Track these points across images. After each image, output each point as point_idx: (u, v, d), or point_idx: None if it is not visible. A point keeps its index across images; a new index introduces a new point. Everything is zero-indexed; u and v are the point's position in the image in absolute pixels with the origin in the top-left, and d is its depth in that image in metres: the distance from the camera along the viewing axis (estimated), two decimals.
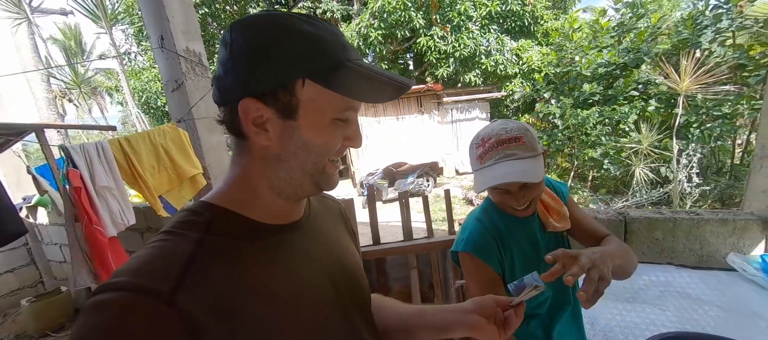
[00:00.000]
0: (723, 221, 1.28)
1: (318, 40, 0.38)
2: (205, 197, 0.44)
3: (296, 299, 0.42)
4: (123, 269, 0.34)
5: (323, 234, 0.53)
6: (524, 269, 0.80)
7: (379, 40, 8.02)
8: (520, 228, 0.83)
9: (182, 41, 2.15)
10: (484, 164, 0.75)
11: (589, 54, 5.46)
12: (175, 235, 0.38)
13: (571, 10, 10.76)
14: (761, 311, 1.05)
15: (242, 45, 0.38)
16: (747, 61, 3.85)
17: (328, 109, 0.40)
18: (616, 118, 4.84)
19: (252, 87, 0.38)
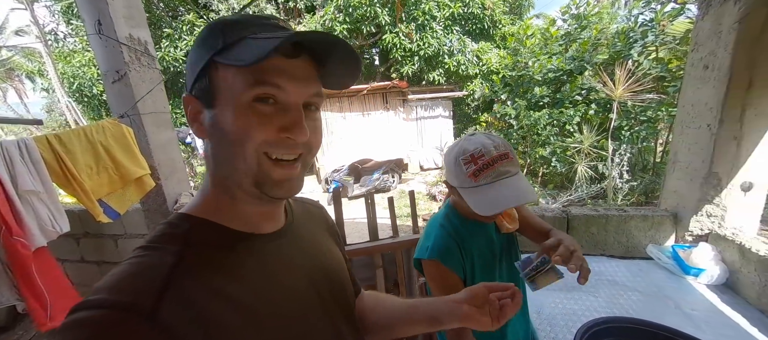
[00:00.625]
0: (644, 217, 1.48)
1: (230, 23, 0.38)
2: (183, 208, 0.43)
3: (279, 308, 0.42)
4: (100, 286, 0.33)
5: (305, 241, 0.52)
6: (483, 271, 0.87)
7: (344, 35, 7.90)
8: (479, 232, 0.88)
9: (124, 27, 1.94)
10: (480, 183, 0.75)
11: (541, 60, 5.90)
12: (153, 249, 0.37)
13: (526, 15, 11.50)
14: (671, 294, 1.24)
15: (193, 49, 0.40)
16: (667, 72, 4.43)
17: (237, 87, 0.37)
18: (563, 120, 5.30)
19: (187, 84, 0.41)
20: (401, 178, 7.89)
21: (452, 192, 0.86)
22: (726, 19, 1.20)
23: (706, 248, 1.30)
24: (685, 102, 1.43)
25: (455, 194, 0.84)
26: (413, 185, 7.72)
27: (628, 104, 4.72)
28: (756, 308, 1.14)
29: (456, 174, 0.79)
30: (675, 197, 1.49)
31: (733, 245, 1.23)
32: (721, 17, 1.23)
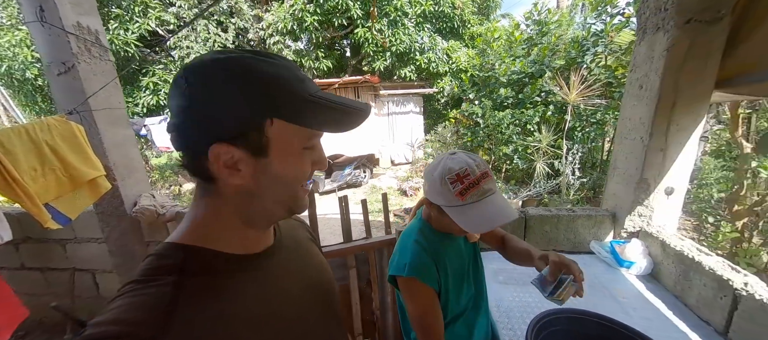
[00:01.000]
0: (588, 216, 1.67)
1: (279, 78, 0.40)
2: (170, 237, 0.43)
3: (279, 322, 0.46)
4: (102, 320, 0.33)
5: (294, 253, 0.56)
6: (455, 281, 0.92)
7: (315, 26, 7.70)
8: (451, 244, 0.93)
9: (71, 15, 1.77)
10: (467, 202, 0.77)
11: (506, 62, 6.21)
12: (149, 283, 0.37)
13: (493, 16, 11.95)
14: (607, 284, 1.43)
15: (203, 91, 0.38)
16: (613, 79, 4.89)
17: (296, 142, 0.43)
18: (524, 120, 5.65)
19: (220, 132, 0.38)
20: (373, 173, 7.95)
21: (432, 209, 0.87)
22: (657, 47, 1.39)
23: (636, 244, 1.51)
24: (624, 116, 1.62)
25: (436, 211, 0.85)
26: (384, 180, 7.82)
27: (581, 107, 5.15)
28: (673, 294, 1.35)
29: (442, 193, 0.79)
30: (614, 198, 1.70)
31: (657, 241, 1.45)
32: (653, 44, 1.41)
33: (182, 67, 0.39)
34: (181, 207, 2.14)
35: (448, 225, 0.84)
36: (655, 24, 1.39)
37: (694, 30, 1.28)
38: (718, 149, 5.29)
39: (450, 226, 0.83)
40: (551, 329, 1.00)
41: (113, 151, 1.97)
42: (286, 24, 7.55)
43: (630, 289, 1.40)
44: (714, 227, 3.64)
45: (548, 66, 5.65)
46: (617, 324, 0.96)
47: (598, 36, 5.08)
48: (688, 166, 1.47)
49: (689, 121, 1.40)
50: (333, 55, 9.19)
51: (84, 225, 2.21)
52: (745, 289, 1.07)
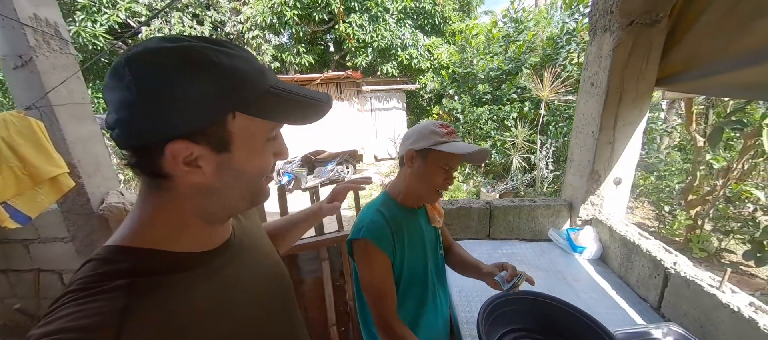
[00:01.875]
0: (547, 206, 1.78)
1: (238, 71, 0.38)
2: (112, 241, 0.40)
3: (238, 316, 0.46)
4: (46, 330, 0.30)
5: (250, 245, 0.55)
6: (412, 254, 0.98)
7: (295, 21, 7.59)
8: (412, 219, 1.00)
9: (28, 6, 1.71)
10: (451, 140, 0.91)
11: (484, 59, 6.35)
12: (95, 290, 0.34)
13: (474, 12, 12.11)
14: (562, 268, 1.54)
15: (155, 84, 0.34)
16: None
17: (259, 136, 0.42)
18: (501, 115, 5.81)
19: (178, 128, 0.36)
20: (356, 169, 7.96)
21: (412, 163, 0.95)
22: (605, 47, 1.49)
23: (589, 231, 1.62)
24: (578, 112, 1.73)
25: (418, 160, 0.93)
26: (368, 175, 7.85)
27: (554, 103, 5.35)
28: (618, 275, 1.47)
29: (429, 137, 0.90)
30: (571, 189, 1.81)
31: (606, 227, 1.56)
32: (602, 44, 1.51)
33: (123, 55, 0.35)
34: None
35: (419, 186, 0.96)
36: (603, 25, 1.49)
37: (636, 31, 1.39)
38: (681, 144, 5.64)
39: (419, 188, 0.96)
40: (504, 309, 1.08)
41: (77, 148, 1.91)
42: (265, 18, 7.41)
43: (582, 272, 1.51)
44: (671, 216, 3.89)
45: (524, 63, 5.82)
46: (561, 303, 1.05)
47: (570, 34, 5.27)
48: (634, 158, 1.59)
49: (634, 116, 1.51)
50: (315, 50, 9.09)
51: (48, 224, 2.14)
52: (673, 268, 1.18)
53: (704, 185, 3.54)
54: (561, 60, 5.26)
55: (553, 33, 5.72)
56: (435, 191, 0.96)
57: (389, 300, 0.90)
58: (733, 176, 3.20)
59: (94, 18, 6.37)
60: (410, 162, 0.95)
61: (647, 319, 1.20)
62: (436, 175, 0.92)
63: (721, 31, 1.20)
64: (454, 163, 0.92)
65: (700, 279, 1.09)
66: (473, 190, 5.78)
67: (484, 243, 1.80)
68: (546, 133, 5.44)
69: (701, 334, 1.04)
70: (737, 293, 1.01)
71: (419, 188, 0.97)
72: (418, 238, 1.01)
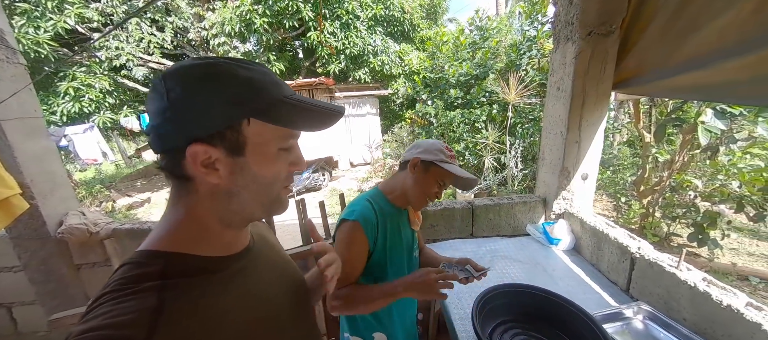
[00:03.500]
0: (524, 203, 1.90)
1: (255, 81, 0.42)
2: (144, 245, 0.43)
3: (259, 320, 0.48)
4: (87, 327, 0.33)
5: (268, 252, 0.59)
6: (390, 248, 1.06)
7: (264, 28, 7.42)
8: (395, 217, 1.08)
9: None
10: (453, 163, 1.04)
11: (454, 64, 6.61)
12: (129, 290, 0.37)
13: (440, 20, 12.57)
14: (541, 260, 1.64)
15: (182, 93, 0.40)
16: (545, 80, 5.49)
17: (272, 142, 0.45)
18: (472, 118, 6.06)
19: (198, 132, 0.40)
20: (332, 176, 7.89)
21: (415, 170, 1.04)
22: (568, 55, 1.63)
23: (562, 224, 1.75)
24: (547, 114, 1.87)
25: (421, 170, 1.03)
26: (344, 182, 7.80)
27: (521, 105, 5.68)
28: (590, 263, 1.60)
29: (436, 153, 1.03)
30: (543, 186, 1.94)
31: (577, 220, 1.70)
32: (565, 52, 1.66)
33: (163, 71, 0.42)
34: (118, 223, 1.96)
35: (413, 192, 1.05)
36: (566, 35, 1.64)
37: (594, 41, 1.54)
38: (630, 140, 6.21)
39: (412, 193, 1.05)
40: (494, 303, 1.14)
41: (30, 166, 1.74)
42: (232, 25, 7.17)
43: (558, 263, 1.63)
44: (627, 206, 4.27)
45: (491, 68, 6.13)
46: (544, 292, 1.13)
47: (531, 41, 5.65)
48: (597, 154, 1.75)
49: (596, 117, 1.67)
50: (285, 57, 8.94)
51: None
52: (638, 252, 1.32)
53: (652, 176, 3.93)
54: (524, 65, 5.61)
55: (516, 40, 6.10)
56: (425, 200, 1.06)
57: (350, 274, 0.97)
58: (675, 168, 3.59)
59: (37, 24, 5.80)
60: (413, 168, 1.05)
61: (619, 300, 1.32)
62: (432, 186, 1.04)
63: (663, 43, 1.37)
64: (448, 182, 1.05)
65: (661, 261, 1.22)
66: (449, 191, 5.95)
67: (468, 242, 1.88)
68: (514, 134, 5.75)
69: (665, 309, 1.17)
70: (692, 270, 1.15)
71: (414, 192, 1.06)
72: (398, 235, 1.09)
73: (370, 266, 1.02)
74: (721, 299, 0.98)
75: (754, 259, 3.53)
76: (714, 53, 1.16)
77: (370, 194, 1.08)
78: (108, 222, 1.96)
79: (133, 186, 8.25)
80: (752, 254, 3.67)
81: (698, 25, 1.20)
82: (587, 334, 1.00)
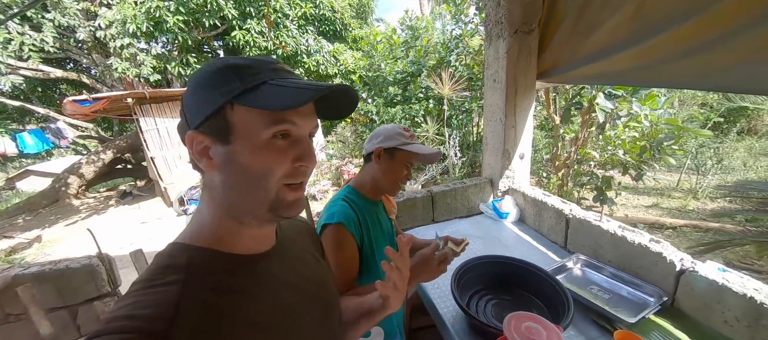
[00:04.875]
0: (475, 185, 2.10)
1: (243, 68, 0.41)
2: (179, 238, 0.45)
3: (278, 325, 0.46)
4: (116, 316, 0.35)
5: (295, 257, 0.57)
6: (376, 241, 1.07)
7: (179, 27, 6.60)
8: (373, 209, 1.11)
9: None
10: (414, 143, 1.06)
11: (390, 63, 6.83)
12: (155, 281, 0.39)
13: (370, 19, 12.78)
14: (495, 233, 1.84)
15: (188, 87, 0.43)
16: (473, 75, 6.06)
17: (259, 128, 0.41)
18: (412, 114, 6.36)
19: (193, 121, 0.42)
20: None
21: (381, 159, 1.06)
22: (500, 50, 1.85)
23: (508, 199, 1.99)
24: (487, 103, 2.10)
25: (386, 158, 1.05)
26: None
27: (454, 99, 6.17)
28: (534, 229, 1.86)
29: (396, 137, 1.04)
30: (489, 168, 2.18)
31: (520, 194, 1.95)
32: (498, 48, 1.88)
33: None
34: (19, 268, 1.58)
35: (384, 180, 1.07)
36: (497, 33, 1.86)
37: (520, 38, 1.78)
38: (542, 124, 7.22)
39: (384, 182, 1.07)
40: (467, 276, 1.26)
41: None
42: (138, 24, 6.20)
43: (509, 233, 1.85)
44: (547, 179, 5.00)
45: (424, 65, 6.51)
46: (506, 258, 1.29)
47: (458, 40, 6.16)
48: (529, 136, 2.04)
49: (526, 103, 1.94)
50: (202, 57, 8.09)
51: None
52: (571, 214, 1.58)
53: (563, 152, 4.68)
54: (453, 62, 6.09)
55: (443, 38, 6.58)
56: (397, 185, 1.10)
57: (349, 277, 0.98)
58: (578, 143, 4.34)
59: None
60: (377, 158, 1.07)
61: (560, 255, 1.57)
62: (400, 170, 1.07)
63: (571, 40, 1.66)
64: (414, 161, 1.08)
65: (588, 217, 1.49)
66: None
67: (430, 227, 2.01)
68: (451, 126, 6.22)
69: (595, 255, 1.44)
70: (610, 221, 1.44)
71: (384, 181, 1.09)
72: (379, 227, 1.12)
73: (365, 262, 1.03)
74: (633, 240, 1.26)
75: (638, 210, 4.49)
76: (608, 48, 1.46)
77: (344, 193, 1.08)
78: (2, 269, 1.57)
79: (13, 224, 6.59)
80: (636, 206, 4.67)
81: (595, 26, 1.49)
82: (546, 287, 1.18)
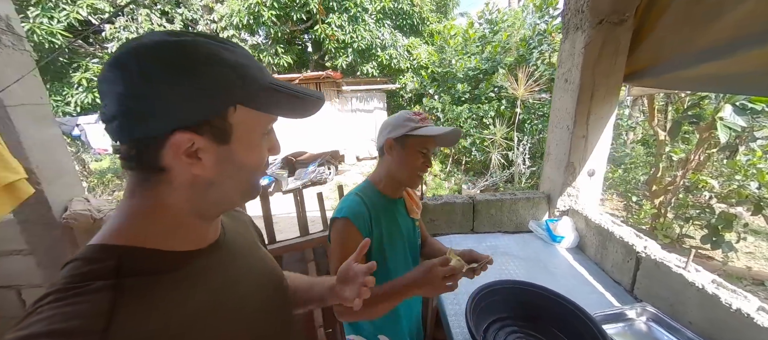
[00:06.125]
0: (528, 199, 1.84)
1: (240, 66, 0.40)
2: (96, 239, 0.39)
3: (228, 317, 0.45)
4: (25, 334, 0.29)
5: (240, 248, 0.55)
6: (390, 240, 1.00)
7: (272, 21, 7.42)
8: (390, 207, 1.03)
9: None
10: (424, 125, 0.96)
11: (462, 59, 6.50)
12: (79, 289, 0.33)
13: (451, 13, 12.36)
14: (543, 258, 1.59)
15: (164, 76, 0.35)
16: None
17: (257, 128, 0.44)
18: (480, 114, 5.97)
19: (183, 119, 0.36)
20: (337, 169, 7.90)
21: (392, 151, 0.99)
22: (578, 44, 1.56)
23: (566, 221, 1.69)
24: (554, 107, 1.80)
25: (397, 148, 0.97)
26: (350, 176, 7.81)
27: (530, 101, 5.56)
28: (594, 261, 1.55)
29: (405, 124, 0.96)
30: (549, 182, 1.88)
31: (582, 217, 1.64)
32: (574, 42, 1.58)
33: (127, 48, 0.35)
34: None
35: (399, 172, 1.00)
36: (575, 24, 1.57)
37: (606, 30, 1.47)
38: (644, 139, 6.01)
39: (400, 174, 1.00)
40: (490, 299, 1.11)
41: (36, 152, 1.77)
42: (241, 18, 7.19)
43: (561, 260, 1.58)
44: (638, 206, 4.15)
45: (500, 63, 6.01)
46: (541, 289, 1.09)
47: (542, 35, 5.50)
48: (605, 150, 1.68)
49: (605, 110, 1.60)
50: (293, 50, 8.93)
51: (4, 237, 1.96)
52: (644, 252, 1.26)
53: (666, 175, 3.80)
54: (534, 60, 5.47)
55: (526, 34, 5.95)
56: (416, 175, 1.01)
57: None
58: (690, 167, 3.46)
59: (51, 14, 5.92)
60: (389, 151, 0.99)
61: (622, 301, 1.26)
62: (415, 159, 0.97)
63: (683, 29, 1.29)
64: (430, 146, 0.98)
65: (668, 261, 1.16)
66: (455, 187, 5.89)
67: (469, 237, 1.84)
68: (522, 131, 5.65)
69: (671, 312, 1.12)
70: (701, 272, 1.10)
71: (400, 173, 1.01)
72: (395, 226, 1.04)
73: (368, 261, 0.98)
74: (730, 303, 0.93)
75: None
76: (737, 40, 1.08)
77: (360, 188, 1.03)
78: (111, 209, 1.99)
79: None
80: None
81: (721, 10, 1.12)
82: (585, 334, 0.96)
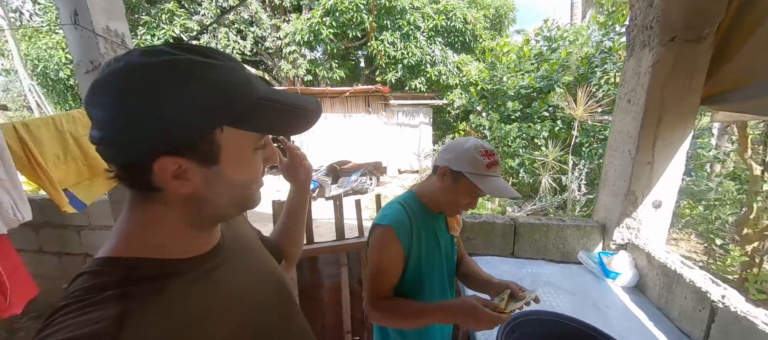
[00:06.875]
0: (577, 227, 1.69)
1: (225, 84, 0.37)
2: (102, 253, 0.39)
3: (237, 315, 0.45)
4: None
5: (242, 248, 0.55)
6: (427, 255, 0.99)
7: (330, 38, 7.97)
8: (430, 222, 1.02)
9: (101, 19, 1.95)
10: (489, 174, 0.89)
11: (515, 76, 6.26)
12: (88, 302, 0.33)
13: (506, 32, 12.04)
14: (592, 294, 1.44)
15: (139, 100, 0.33)
16: None
17: (247, 147, 0.42)
18: (531, 134, 5.64)
19: (167, 143, 0.35)
20: (379, 180, 8.02)
21: (444, 178, 0.94)
22: (644, 63, 1.43)
23: (624, 256, 1.51)
24: (614, 130, 1.65)
25: (450, 179, 0.93)
26: (390, 188, 7.87)
27: (589, 123, 5.12)
28: (656, 306, 1.35)
29: (471, 161, 0.89)
30: (604, 210, 1.71)
31: (643, 253, 1.45)
32: (640, 60, 1.45)
33: (104, 72, 0.34)
34: None
35: (443, 200, 0.97)
36: (642, 41, 1.44)
37: (679, 48, 1.32)
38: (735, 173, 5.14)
39: (443, 201, 0.97)
40: (525, 329, 1.03)
41: None
42: (303, 35, 7.85)
43: (614, 299, 1.41)
44: (723, 251, 3.52)
45: (556, 82, 5.66)
46: (589, 327, 0.99)
47: (606, 53, 5.08)
48: (676, 180, 1.49)
49: (676, 136, 1.42)
50: (346, 65, 9.44)
51: (98, 213, 2.35)
52: (722, 301, 1.07)
53: (762, 217, 3.18)
54: (596, 79, 5.05)
55: (588, 52, 5.54)
56: (457, 210, 1.00)
57: (385, 281, 0.93)
58: None
59: (154, 32, 7.10)
60: (442, 177, 0.96)
61: None
62: (463, 198, 0.94)
63: None
64: (482, 193, 0.92)
65: (754, 316, 0.98)
66: (498, 209, 5.60)
67: (508, 261, 1.74)
68: (579, 154, 5.20)
69: None
70: None
71: (444, 201, 0.98)
72: (434, 240, 1.02)
73: (405, 274, 0.96)
74: None
75: None
76: None
77: (404, 197, 1.03)
78: None
79: None
80: None
81: None
82: None
